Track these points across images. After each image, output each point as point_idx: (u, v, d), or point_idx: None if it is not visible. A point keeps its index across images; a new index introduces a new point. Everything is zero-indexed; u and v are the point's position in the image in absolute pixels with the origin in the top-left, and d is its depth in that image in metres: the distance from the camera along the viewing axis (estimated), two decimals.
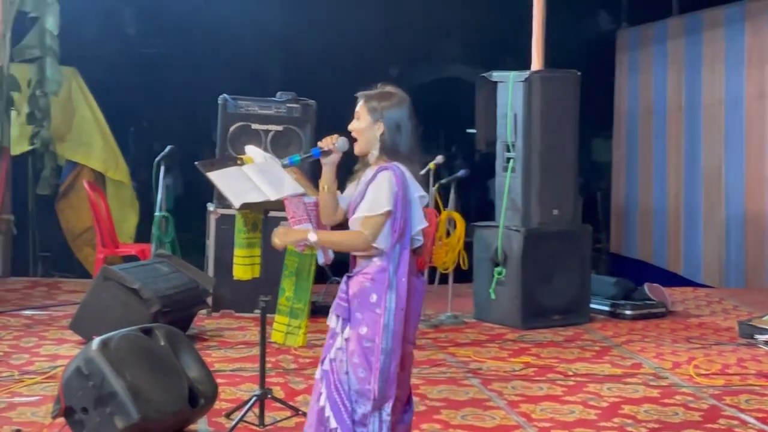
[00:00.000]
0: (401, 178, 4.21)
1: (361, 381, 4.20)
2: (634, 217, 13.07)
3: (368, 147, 4.31)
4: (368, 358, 4.19)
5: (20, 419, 5.67)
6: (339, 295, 4.32)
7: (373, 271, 4.22)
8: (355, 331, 4.22)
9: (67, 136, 10.93)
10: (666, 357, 7.55)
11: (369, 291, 4.21)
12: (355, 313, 4.23)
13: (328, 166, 4.38)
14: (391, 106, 4.29)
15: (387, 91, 4.35)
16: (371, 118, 4.28)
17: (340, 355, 4.25)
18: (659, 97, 12.49)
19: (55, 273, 10.98)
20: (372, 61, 13.72)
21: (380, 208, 4.18)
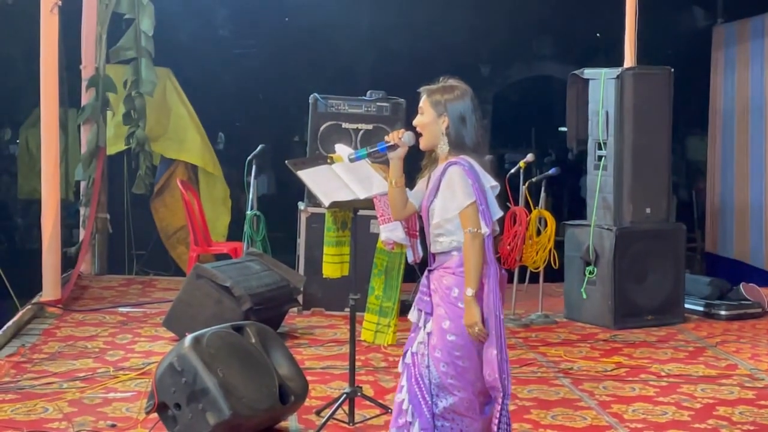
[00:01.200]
0: (471, 170, 4.21)
1: (442, 375, 4.21)
2: (730, 216, 12.82)
3: (434, 141, 4.31)
4: (451, 353, 4.19)
5: (115, 414, 5.77)
6: (420, 290, 4.33)
7: (453, 266, 4.22)
8: (437, 325, 4.22)
9: (162, 135, 11.08)
10: (762, 358, 7.40)
11: (450, 285, 4.21)
12: (437, 308, 4.23)
13: (395, 161, 4.38)
14: (454, 99, 4.29)
15: (449, 85, 4.35)
16: (435, 112, 4.29)
17: (421, 348, 4.26)
18: (756, 94, 12.23)
19: (150, 271, 11.15)
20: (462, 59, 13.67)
21: (466, 201, 4.17)
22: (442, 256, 4.28)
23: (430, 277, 4.30)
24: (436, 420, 4.21)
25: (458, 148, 4.26)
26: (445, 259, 4.26)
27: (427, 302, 4.28)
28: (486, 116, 14.75)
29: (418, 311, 4.32)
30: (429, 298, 4.28)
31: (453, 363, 4.19)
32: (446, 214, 4.21)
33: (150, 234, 11.43)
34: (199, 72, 12.05)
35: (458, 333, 4.19)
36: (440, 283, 4.24)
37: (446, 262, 4.25)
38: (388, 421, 5.66)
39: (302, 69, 12.92)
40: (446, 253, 4.26)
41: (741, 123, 12.58)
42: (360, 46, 13.21)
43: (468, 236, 4.16)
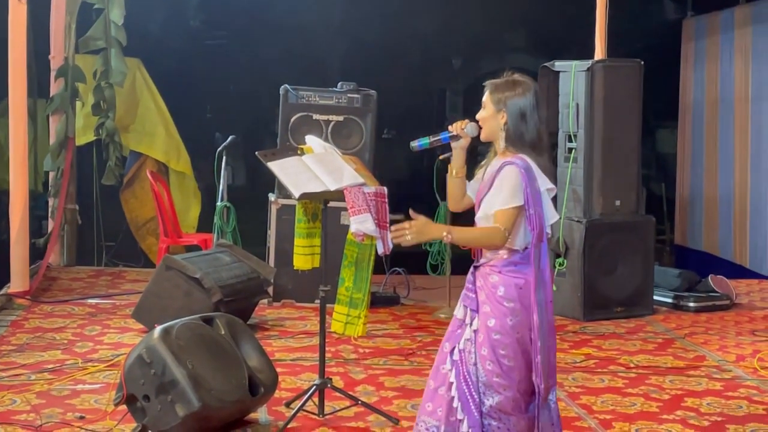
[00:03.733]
0: (526, 173, 4.20)
1: (488, 373, 4.20)
2: (699, 208, 12.90)
3: (492, 136, 4.32)
4: (496, 351, 4.18)
5: (83, 406, 5.74)
6: (466, 286, 4.32)
7: (499, 264, 4.22)
8: (483, 323, 4.21)
9: (131, 126, 11.03)
10: (730, 350, 7.45)
11: (496, 283, 4.21)
12: (482, 305, 4.23)
13: (457, 151, 4.40)
14: (515, 96, 4.28)
15: (512, 80, 4.34)
16: (495, 107, 4.29)
17: (468, 346, 4.25)
18: (725, 87, 12.30)
19: (119, 262, 11.10)
20: (434, 51, 13.67)
21: (511, 203, 4.17)
22: (489, 252, 4.27)
23: (475, 273, 4.30)
24: (483, 419, 4.21)
25: (516, 144, 4.25)
26: (491, 256, 4.26)
27: (472, 299, 4.27)
28: (457, 108, 14.77)
29: (464, 308, 4.30)
30: (474, 294, 4.27)
31: (498, 361, 4.19)
32: (489, 210, 4.22)
33: (119, 225, 11.38)
34: (170, 62, 11.98)
35: (503, 332, 4.18)
36: (486, 280, 4.24)
37: (492, 260, 4.25)
38: (359, 413, 5.70)
39: (273, 60, 12.88)
40: (494, 250, 4.26)
41: (710, 116, 12.65)
42: (332, 37, 13.18)
43: (495, 229, 4.16)
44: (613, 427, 5.66)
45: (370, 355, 7.08)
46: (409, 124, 13.77)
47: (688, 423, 5.76)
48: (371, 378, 6.52)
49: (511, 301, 4.19)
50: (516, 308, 4.19)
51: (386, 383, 6.41)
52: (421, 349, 7.30)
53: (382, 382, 6.44)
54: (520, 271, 4.21)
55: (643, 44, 12.01)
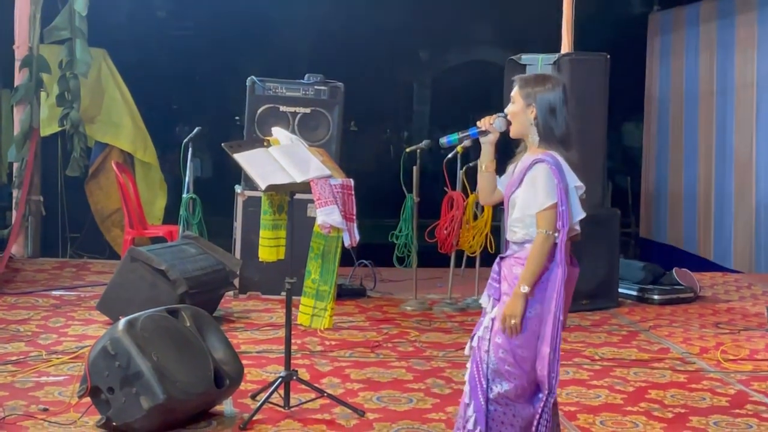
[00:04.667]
0: (558, 169, 4.22)
1: (500, 361, 4.24)
2: (664, 201, 12.99)
3: (523, 131, 4.33)
4: (511, 341, 4.21)
5: (47, 399, 5.70)
6: (492, 276, 4.35)
7: (524, 257, 4.24)
8: (501, 312, 4.25)
9: (96, 117, 10.97)
10: (693, 342, 7.51)
11: (518, 275, 4.23)
12: (503, 295, 4.27)
13: (486, 146, 4.40)
14: (544, 90, 4.30)
15: (542, 75, 4.40)
16: (524, 102, 4.31)
17: (486, 333, 4.30)
18: (691, 81, 12.39)
19: (84, 254, 11.03)
20: (401, 43, 13.69)
21: (547, 202, 4.19)
22: (515, 245, 4.31)
23: (501, 264, 4.33)
24: (489, 404, 4.26)
25: (547, 139, 4.27)
26: (517, 249, 4.29)
27: (496, 288, 4.31)
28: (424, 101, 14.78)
29: (488, 296, 4.35)
30: (498, 284, 4.31)
31: (512, 350, 4.22)
32: (527, 211, 4.23)
33: (84, 217, 11.31)
34: (136, 53, 11.93)
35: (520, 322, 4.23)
36: (510, 271, 4.27)
37: (518, 252, 4.28)
38: (324, 405, 5.70)
39: (240, 52, 12.85)
40: (520, 243, 4.28)
41: (676, 110, 12.73)
42: (299, 29, 13.17)
43: (541, 236, 4.19)
44: (577, 419, 5.69)
45: (336, 348, 7.08)
46: (377, 117, 13.79)
47: (652, 415, 5.80)
48: (337, 370, 6.51)
49: (531, 293, 4.22)
50: (533, 300, 4.22)
51: (352, 375, 6.41)
52: (387, 341, 7.30)
53: (348, 374, 6.43)
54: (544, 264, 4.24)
55: (609, 38, 12.06)
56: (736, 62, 11.45)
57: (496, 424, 4.28)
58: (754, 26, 11.14)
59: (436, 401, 5.92)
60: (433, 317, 8.15)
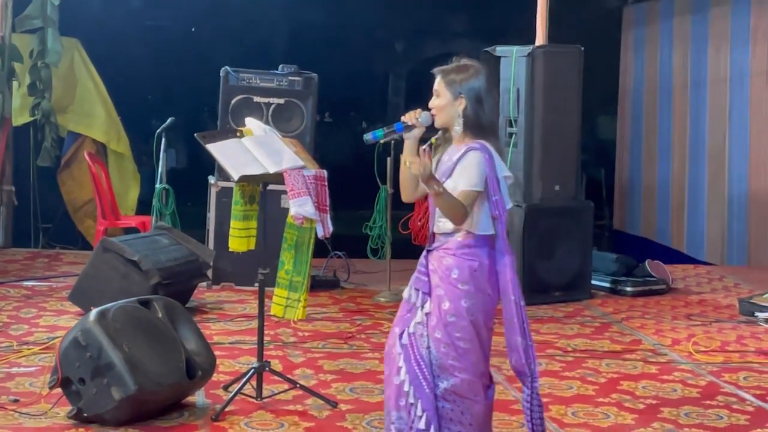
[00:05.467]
0: (490, 159, 4.18)
1: (443, 356, 4.19)
2: (637, 194, 13.04)
3: (449, 122, 4.27)
4: (451, 334, 4.17)
5: (18, 389, 5.68)
6: (419, 269, 4.29)
7: (453, 247, 4.20)
8: (436, 306, 4.19)
9: (69, 107, 10.90)
10: (665, 334, 7.54)
11: (450, 266, 4.19)
12: (436, 288, 4.21)
13: (411, 141, 4.31)
14: (469, 79, 4.25)
15: (463, 64, 4.31)
16: (451, 93, 4.24)
17: (420, 329, 4.22)
18: (664, 74, 12.43)
19: (56, 244, 10.97)
20: (376, 35, 13.67)
21: (475, 186, 4.15)
22: (443, 236, 4.25)
23: (428, 257, 4.28)
24: (438, 401, 4.19)
25: (475, 129, 4.22)
26: (446, 240, 4.24)
27: (425, 282, 4.25)
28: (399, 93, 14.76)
29: (415, 290, 4.28)
30: (427, 278, 4.24)
31: (453, 344, 4.17)
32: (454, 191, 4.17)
33: (57, 207, 11.24)
34: (109, 43, 11.85)
35: (458, 314, 4.17)
36: (440, 263, 4.21)
37: (447, 243, 4.23)
38: (297, 396, 5.69)
39: (214, 42, 12.79)
40: (448, 234, 4.24)
41: (649, 103, 12.78)
42: (274, 20, 13.12)
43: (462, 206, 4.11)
44: (549, 410, 5.70)
45: (309, 339, 7.08)
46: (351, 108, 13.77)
47: (623, 406, 5.82)
48: (310, 361, 6.51)
49: (466, 283, 4.18)
50: (470, 291, 4.18)
51: (325, 366, 6.40)
52: (361, 332, 7.30)
53: (321, 365, 6.43)
54: (474, 253, 4.19)
55: (583, 31, 12.08)
56: (710, 56, 11.50)
57: (445, 422, 4.21)
58: (728, 20, 11.19)
59: None
60: None
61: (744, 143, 10.98)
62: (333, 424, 5.38)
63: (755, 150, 10.88)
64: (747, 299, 8.28)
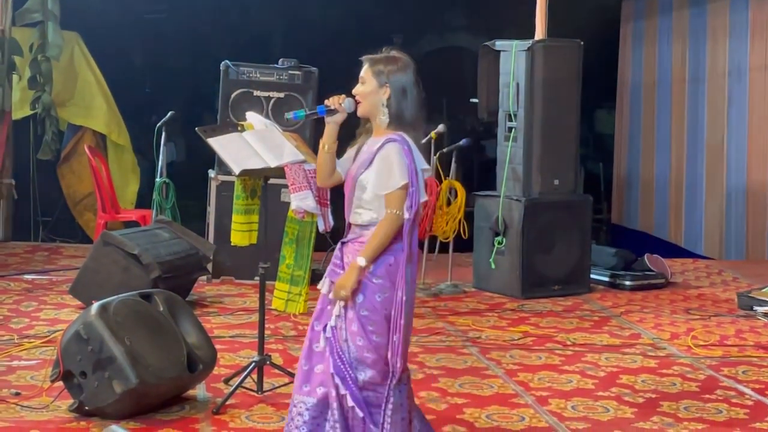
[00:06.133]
0: (409, 151, 4.18)
1: (359, 349, 4.20)
2: (635, 188, 13.05)
3: (373, 111, 4.26)
4: (365, 327, 4.18)
5: (19, 383, 5.69)
6: (334, 262, 4.30)
7: (368, 240, 4.20)
8: (352, 300, 4.20)
9: (69, 101, 10.91)
10: (664, 328, 7.56)
11: None
12: None
13: (332, 126, 4.31)
14: (397, 71, 4.25)
15: (393, 56, 4.30)
16: (377, 82, 4.24)
17: (339, 322, 4.24)
18: (663, 68, 12.44)
19: (56, 238, 10.98)
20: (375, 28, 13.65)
21: (398, 183, 4.15)
22: (359, 228, 4.26)
23: (343, 249, 4.28)
24: (361, 392, 4.21)
25: (397, 121, 4.22)
26: (361, 232, 4.24)
27: (339, 274, 4.25)
28: None
29: (330, 283, 4.28)
30: (341, 270, 4.25)
31: (367, 337, 4.18)
32: (379, 191, 4.17)
33: (56, 200, 11.25)
34: (109, 37, 11.85)
35: (371, 308, 4.19)
36: (355, 257, 4.20)
37: (362, 236, 4.23)
38: None
39: (214, 36, 12.79)
40: (364, 226, 4.24)
41: (648, 97, 12.78)
42: (273, 13, 13.11)
43: (390, 216, 4.15)
44: (549, 404, 5.73)
45: None
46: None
47: (623, 400, 5.84)
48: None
49: (380, 277, 4.18)
50: (385, 285, 4.18)
51: None
52: None
53: None
54: (389, 248, 4.19)
55: (582, 25, 12.08)
56: (708, 50, 11.51)
57: (374, 408, 4.22)
58: (726, 14, 11.20)
59: None
60: None
61: (742, 137, 11.00)
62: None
63: (754, 144, 10.90)
64: (746, 293, 8.30)
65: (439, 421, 5.37)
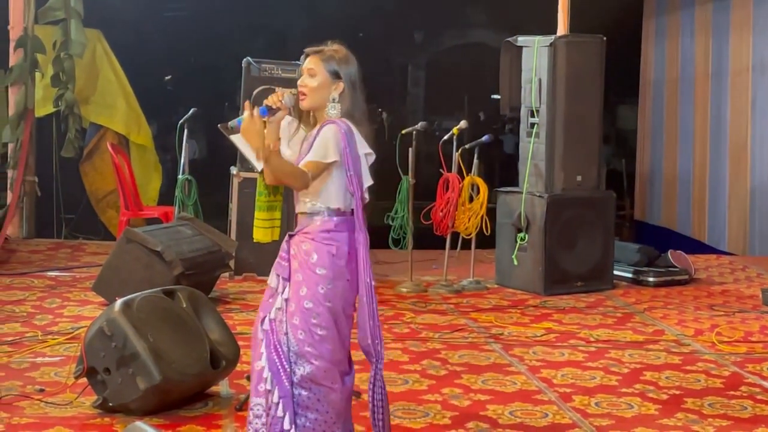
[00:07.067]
0: (347, 134, 4.11)
1: (300, 342, 4.12)
2: (658, 184, 13.00)
3: (320, 104, 4.19)
4: (308, 320, 4.11)
5: (43, 379, 5.71)
6: (280, 254, 4.22)
7: (313, 231, 4.14)
8: (295, 292, 4.13)
9: (91, 98, 10.94)
10: (688, 324, 7.53)
11: (309, 251, 4.12)
12: (295, 274, 4.14)
13: (273, 125, 4.21)
14: (348, 64, 4.20)
15: (340, 49, 4.24)
16: (329, 76, 4.17)
17: (279, 315, 4.16)
18: (686, 63, 12.39)
19: (79, 235, 11.01)
20: (396, 25, 13.67)
21: (326, 158, 4.08)
22: (304, 219, 4.19)
23: (290, 242, 4.21)
24: (294, 388, 4.13)
25: (349, 117, 4.17)
26: (306, 223, 4.17)
27: (285, 267, 4.18)
28: (419, 83, 14.76)
29: (276, 276, 4.21)
30: (287, 263, 4.17)
31: (310, 331, 4.11)
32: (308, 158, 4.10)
33: (79, 197, 11.30)
34: (130, 34, 11.89)
35: (315, 301, 4.11)
36: (299, 248, 4.15)
37: (307, 227, 4.16)
38: None
39: (235, 33, 12.82)
40: (308, 216, 4.17)
41: (671, 92, 12.73)
42: (293, 10, 13.13)
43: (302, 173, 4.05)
44: (573, 400, 5.71)
45: None
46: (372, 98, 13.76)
47: (647, 396, 5.81)
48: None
49: (324, 268, 4.11)
50: (328, 276, 4.11)
51: None
52: (383, 323, 7.30)
53: None
54: (333, 239, 4.13)
55: (605, 20, 12.04)
56: (731, 45, 11.45)
57: (301, 409, 4.13)
58: (750, 8, 11.13)
59: (431, 383, 5.94)
60: (428, 299, 8.16)
61: (766, 132, 10.94)
62: (357, 414, 5.37)
63: None
64: None
65: (462, 417, 5.37)
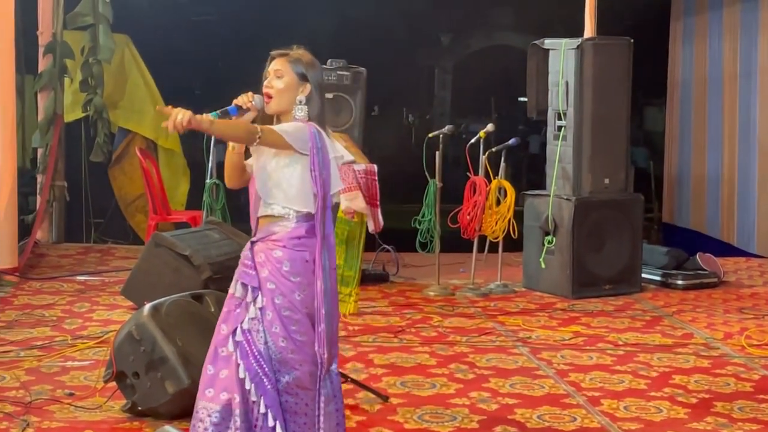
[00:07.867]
0: (315, 135, 4.09)
1: (283, 350, 4.08)
2: (687, 186, 12.93)
3: (287, 107, 4.17)
4: (288, 327, 4.08)
5: (73, 383, 5.75)
6: (243, 262, 4.17)
7: (283, 238, 4.09)
8: (270, 301, 4.08)
9: (119, 103, 11.00)
10: (717, 327, 7.49)
11: (281, 259, 4.07)
12: (266, 282, 4.09)
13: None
14: (314, 67, 4.20)
15: (307, 54, 4.24)
16: (297, 78, 4.16)
17: (255, 325, 4.10)
18: (714, 64, 12.31)
19: (108, 239, 11.07)
20: (423, 28, 13.65)
21: (287, 136, 4.03)
22: (270, 225, 4.13)
23: (253, 249, 4.15)
24: (281, 396, 4.10)
25: (317, 119, 4.16)
26: (273, 229, 4.12)
27: (252, 276, 4.12)
28: (446, 86, 14.74)
29: (242, 285, 4.16)
30: (254, 271, 4.11)
31: (291, 338, 4.08)
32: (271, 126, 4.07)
33: (108, 202, 11.35)
34: (158, 39, 11.93)
35: (292, 308, 4.08)
36: (269, 256, 4.09)
37: (275, 234, 4.11)
38: (348, 390, 5.70)
39: (262, 36, 12.80)
40: (274, 221, 4.12)
41: (698, 93, 12.66)
42: (321, 13, 13.15)
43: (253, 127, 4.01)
44: (601, 404, 5.69)
45: (360, 333, 7.09)
46: (399, 102, 13.77)
47: (676, 400, 5.79)
48: (361, 355, 6.53)
49: (298, 275, 4.07)
50: (303, 283, 4.07)
51: (375, 360, 6.42)
52: (411, 326, 7.31)
53: (372, 359, 6.45)
54: (305, 244, 4.08)
55: (632, 22, 12.00)
56: (760, 45, 11.37)
57: (290, 415, 4.10)
58: None
59: (459, 386, 5.94)
60: (455, 302, 8.16)
61: None
62: (384, 418, 5.40)
63: None
64: None
65: (490, 421, 5.36)
